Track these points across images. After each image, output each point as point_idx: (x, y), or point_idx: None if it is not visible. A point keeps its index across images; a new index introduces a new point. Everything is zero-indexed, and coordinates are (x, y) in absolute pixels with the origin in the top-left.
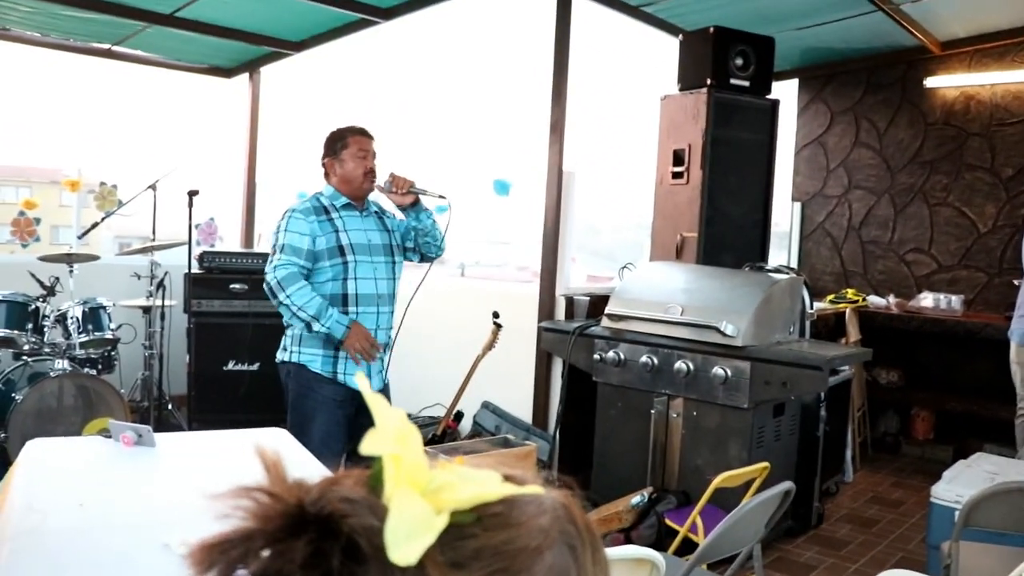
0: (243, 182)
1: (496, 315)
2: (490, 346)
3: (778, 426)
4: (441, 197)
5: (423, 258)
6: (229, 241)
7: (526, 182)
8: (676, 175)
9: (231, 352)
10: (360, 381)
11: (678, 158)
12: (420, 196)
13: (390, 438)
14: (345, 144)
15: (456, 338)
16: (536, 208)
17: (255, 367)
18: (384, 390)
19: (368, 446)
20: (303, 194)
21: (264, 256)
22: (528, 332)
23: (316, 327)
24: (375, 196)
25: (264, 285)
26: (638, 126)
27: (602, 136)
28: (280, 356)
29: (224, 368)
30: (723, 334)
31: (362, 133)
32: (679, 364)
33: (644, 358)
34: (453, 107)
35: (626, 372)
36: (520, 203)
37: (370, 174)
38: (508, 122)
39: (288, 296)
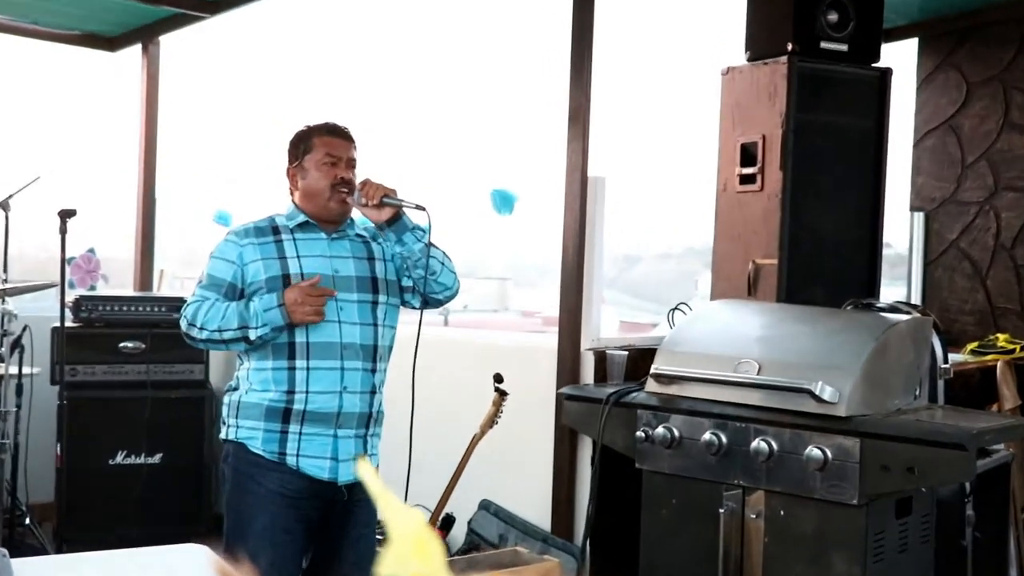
0: (136, 198)
1: (498, 379)
2: (491, 422)
3: (904, 531)
4: (419, 208)
5: (424, 302)
6: (117, 281)
7: (536, 194)
8: (746, 179)
9: (120, 439)
10: (362, 468)
11: (748, 155)
12: (401, 210)
13: (410, 555)
14: (309, 147)
15: (441, 411)
16: (551, 229)
17: (156, 459)
18: (334, 488)
19: (386, 567)
20: (223, 215)
21: (169, 303)
22: (543, 401)
23: (255, 335)
24: (362, 217)
25: (183, 335)
26: (689, 113)
27: (640, 128)
28: (221, 433)
29: (110, 462)
30: (819, 399)
31: (333, 132)
32: (757, 443)
33: (708, 436)
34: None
35: (682, 456)
36: (528, 223)
37: (340, 187)
38: (513, 115)
39: (203, 327)
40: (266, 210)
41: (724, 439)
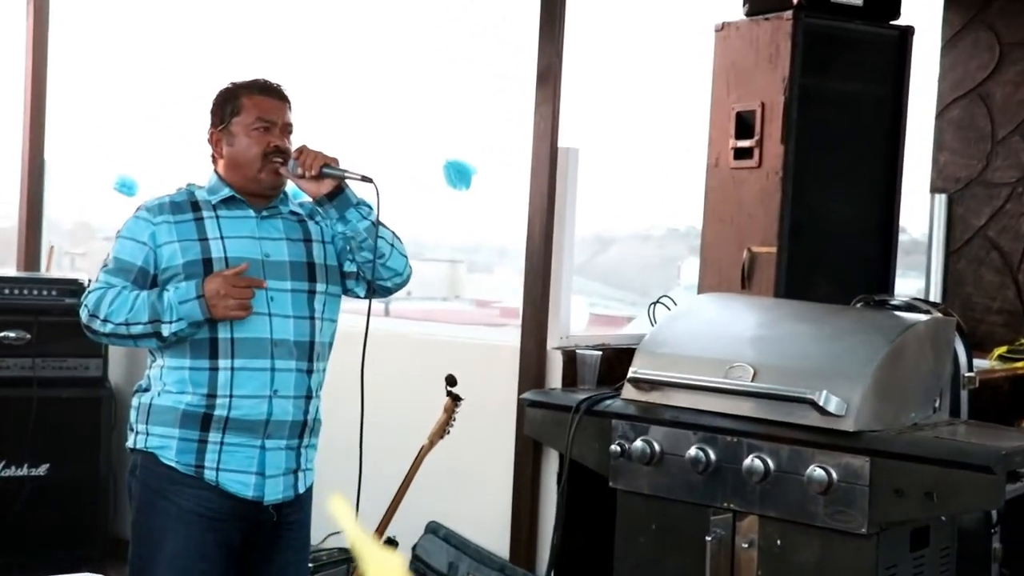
0: (21, 158)
1: (451, 381)
2: (442, 431)
3: (920, 565)
4: (365, 179)
5: (371, 290)
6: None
7: (496, 166)
8: (741, 153)
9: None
10: (337, 509)
11: (744, 125)
12: (344, 182)
13: None
14: (236, 108)
15: (383, 418)
16: (512, 207)
17: (41, 471)
18: (303, 498)
19: None
20: (127, 183)
21: (61, 285)
22: (502, 408)
23: (169, 331)
24: (296, 191)
25: (83, 327)
26: (676, 75)
27: (616, 91)
28: (128, 441)
29: None
30: (823, 411)
31: (265, 91)
32: (751, 461)
33: (693, 451)
34: (386, 48)
35: (664, 474)
36: (486, 198)
37: (273, 156)
38: (471, 74)
39: (107, 319)
40: (181, 179)
41: (712, 455)
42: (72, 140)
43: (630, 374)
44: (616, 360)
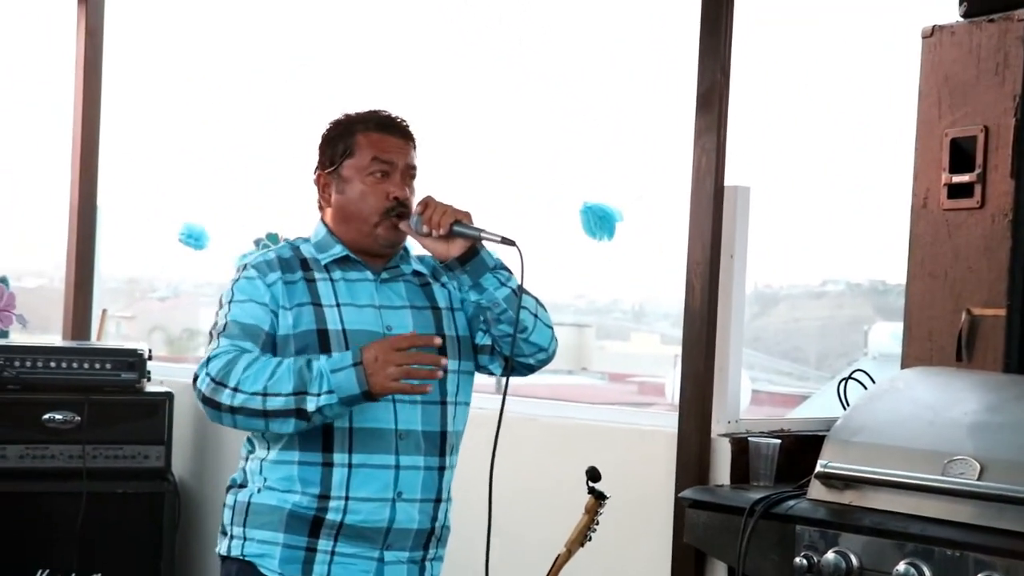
0: (69, 208)
1: (593, 475)
2: (582, 537)
3: None
4: (506, 241)
5: (509, 368)
6: (40, 325)
7: (643, 211)
8: (958, 190)
9: (42, 552)
10: None
11: (962, 155)
12: (477, 241)
13: None
14: (350, 148)
15: (510, 519)
16: (655, 258)
17: None
18: None
19: None
20: (195, 232)
21: (116, 357)
22: (656, 509)
23: (315, 406)
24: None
25: (197, 398)
26: (867, 92)
27: (785, 118)
28: (219, 547)
29: None
30: None
31: (385, 127)
32: None
33: (903, 567)
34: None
35: None
36: (631, 248)
37: (395, 211)
38: (617, 105)
39: (238, 387)
40: (257, 227)
41: (928, 573)
42: (122, 185)
43: (819, 468)
44: (798, 450)
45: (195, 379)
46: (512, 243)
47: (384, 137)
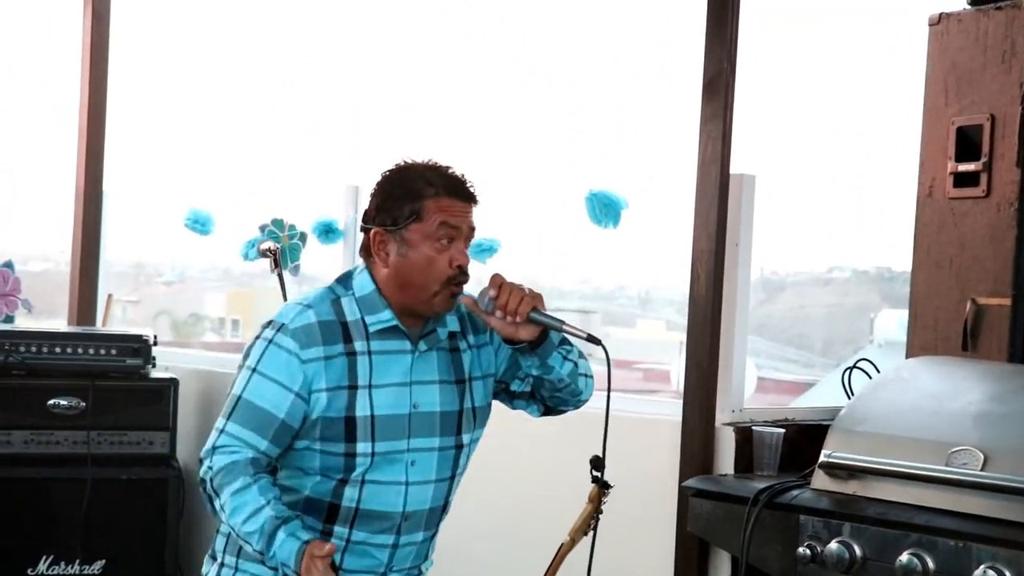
0: (75, 192)
1: (597, 464)
2: (586, 526)
3: None
4: (591, 340)
5: (547, 411)
6: (45, 309)
7: (650, 197)
8: (964, 179)
9: (46, 539)
10: None
11: (968, 144)
12: (551, 329)
13: None
14: (419, 212)
15: (513, 508)
16: (662, 245)
17: (96, 569)
18: None
19: None
20: (201, 217)
21: (121, 343)
22: (660, 498)
23: (271, 563)
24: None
25: (198, 477)
26: (873, 80)
27: (791, 106)
28: (206, 569)
29: (30, 571)
30: None
31: (454, 192)
32: (983, 573)
33: (906, 558)
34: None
35: None
36: (637, 235)
37: (456, 280)
38: (622, 93)
39: (222, 508)
40: (262, 214)
41: (931, 564)
42: (128, 169)
43: (823, 458)
44: (802, 439)
45: (200, 461)
46: (598, 342)
47: (454, 203)
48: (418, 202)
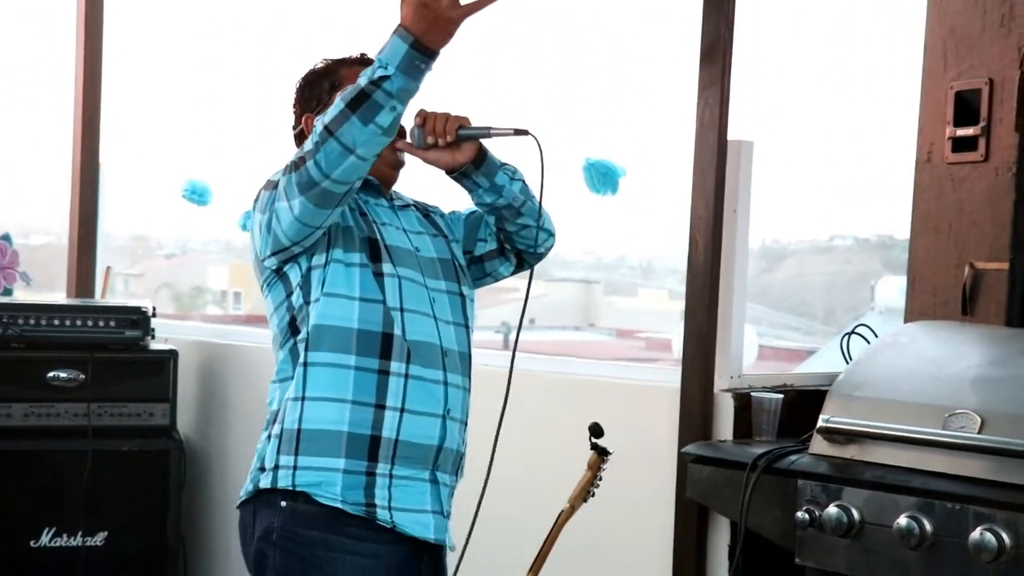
0: (72, 164)
1: (596, 431)
2: (585, 493)
3: None
4: (519, 132)
5: (519, 262)
6: (44, 282)
7: (646, 166)
8: (962, 144)
9: (47, 512)
10: None
11: (967, 108)
12: (482, 139)
13: None
14: (337, 82)
15: (513, 475)
16: (663, 214)
17: (98, 540)
18: (440, 552)
19: None
20: (199, 188)
21: (120, 315)
22: (659, 464)
23: (382, 96)
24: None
25: (286, 186)
26: (872, 45)
27: (792, 71)
28: (252, 483)
29: (32, 545)
30: None
31: (366, 61)
32: (979, 535)
33: (904, 521)
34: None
35: (865, 549)
36: (632, 205)
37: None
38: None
39: (304, 156)
40: (261, 180)
41: (928, 526)
42: (127, 142)
43: (821, 423)
44: (801, 405)
45: (274, 185)
46: (526, 132)
47: (365, 67)
48: (333, 75)
